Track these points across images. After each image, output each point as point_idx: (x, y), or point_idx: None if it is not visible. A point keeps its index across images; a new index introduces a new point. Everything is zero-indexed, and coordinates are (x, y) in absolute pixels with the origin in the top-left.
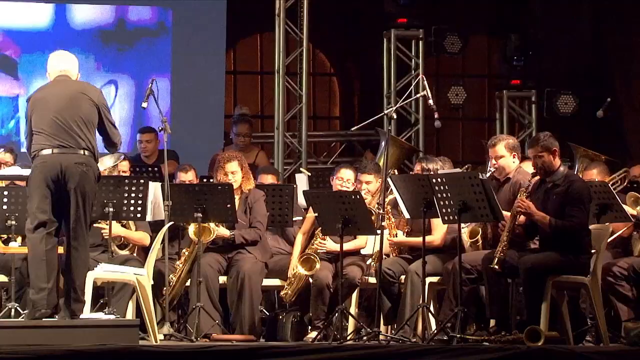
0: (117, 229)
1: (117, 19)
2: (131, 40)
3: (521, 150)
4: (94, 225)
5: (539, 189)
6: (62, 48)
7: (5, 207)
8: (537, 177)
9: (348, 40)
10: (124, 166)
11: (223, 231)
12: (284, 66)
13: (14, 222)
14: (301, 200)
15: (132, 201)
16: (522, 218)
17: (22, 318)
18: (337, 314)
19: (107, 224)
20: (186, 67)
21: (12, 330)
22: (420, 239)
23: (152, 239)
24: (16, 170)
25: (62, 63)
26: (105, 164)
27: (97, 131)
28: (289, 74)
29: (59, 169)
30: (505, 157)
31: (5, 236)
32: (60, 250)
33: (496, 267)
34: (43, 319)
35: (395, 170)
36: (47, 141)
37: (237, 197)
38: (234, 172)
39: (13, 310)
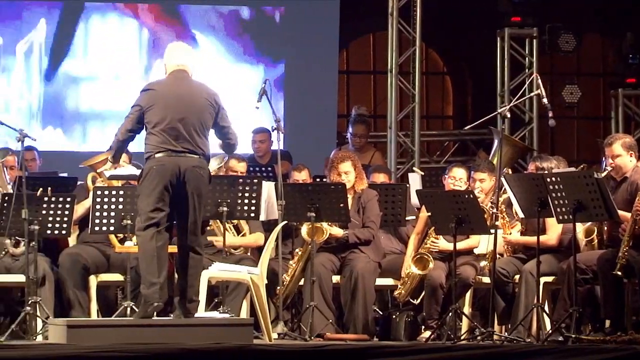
0: (231, 239)
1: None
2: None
3: (638, 149)
4: (208, 227)
5: None
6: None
7: (120, 206)
8: None
9: (461, 39)
10: (242, 167)
11: (336, 231)
12: (396, 65)
13: (129, 222)
14: (414, 200)
15: (246, 201)
16: None
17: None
18: (450, 314)
19: (220, 230)
20: (299, 67)
21: (128, 329)
22: (535, 239)
23: (266, 239)
24: (130, 170)
25: (181, 56)
26: (211, 166)
27: (215, 133)
28: (402, 73)
29: (178, 172)
30: (622, 156)
31: (121, 235)
32: (173, 249)
33: (619, 273)
34: (158, 318)
35: (509, 170)
36: (165, 144)
37: (350, 197)
38: (347, 172)
39: (129, 309)
